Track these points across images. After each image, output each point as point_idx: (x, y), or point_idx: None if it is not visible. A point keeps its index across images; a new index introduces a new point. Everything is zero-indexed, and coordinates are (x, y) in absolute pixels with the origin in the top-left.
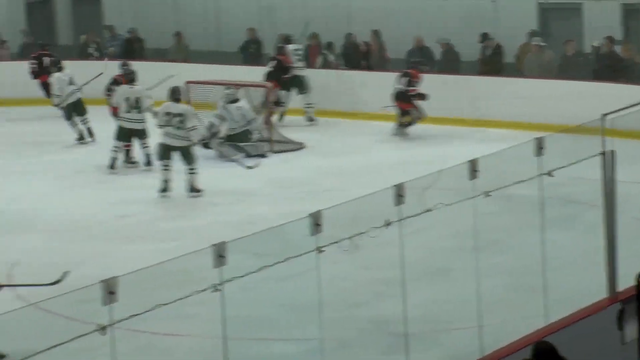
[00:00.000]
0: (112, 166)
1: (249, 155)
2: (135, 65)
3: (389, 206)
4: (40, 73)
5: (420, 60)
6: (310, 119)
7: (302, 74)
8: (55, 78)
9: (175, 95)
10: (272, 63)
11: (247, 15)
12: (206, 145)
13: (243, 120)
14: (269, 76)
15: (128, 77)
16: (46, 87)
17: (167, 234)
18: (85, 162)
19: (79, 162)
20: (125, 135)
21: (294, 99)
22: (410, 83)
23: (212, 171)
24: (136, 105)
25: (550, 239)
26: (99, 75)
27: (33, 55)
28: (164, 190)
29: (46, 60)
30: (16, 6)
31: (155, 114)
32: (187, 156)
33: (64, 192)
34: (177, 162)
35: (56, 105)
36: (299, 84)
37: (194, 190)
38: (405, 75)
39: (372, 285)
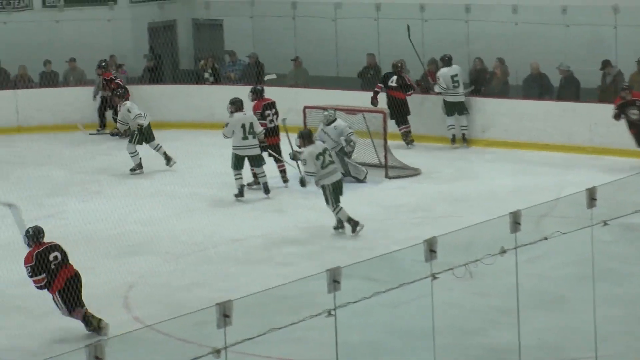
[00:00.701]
0: (240, 194)
1: (347, 174)
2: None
3: (505, 233)
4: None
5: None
6: (464, 139)
7: (460, 100)
8: (130, 103)
9: (310, 137)
10: (394, 79)
11: (366, 41)
12: None
13: (340, 138)
14: (392, 89)
15: (237, 104)
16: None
17: (281, 259)
18: (197, 185)
19: (191, 185)
20: (243, 163)
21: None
22: None
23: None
24: (251, 130)
25: None
26: None
27: (114, 78)
28: (341, 227)
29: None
30: (140, 31)
31: (305, 162)
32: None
33: (179, 215)
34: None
35: (139, 127)
36: (459, 108)
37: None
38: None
39: (487, 312)
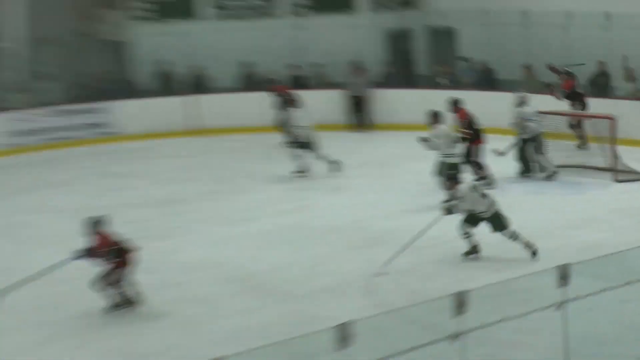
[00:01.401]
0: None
1: (539, 165)
2: (485, 96)
3: None
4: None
5: None
6: None
7: None
8: (299, 114)
9: (457, 178)
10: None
11: (596, 48)
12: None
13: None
14: (567, 97)
15: (438, 116)
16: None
17: (513, 254)
18: (432, 183)
19: (427, 183)
20: (446, 170)
21: None
22: None
23: (557, 198)
24: (454, 139)
25: None
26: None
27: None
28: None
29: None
30: (379, 37)
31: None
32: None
33: (417, 211)
34: None
35: (295, 138)
36: None
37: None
38: None
39: None
